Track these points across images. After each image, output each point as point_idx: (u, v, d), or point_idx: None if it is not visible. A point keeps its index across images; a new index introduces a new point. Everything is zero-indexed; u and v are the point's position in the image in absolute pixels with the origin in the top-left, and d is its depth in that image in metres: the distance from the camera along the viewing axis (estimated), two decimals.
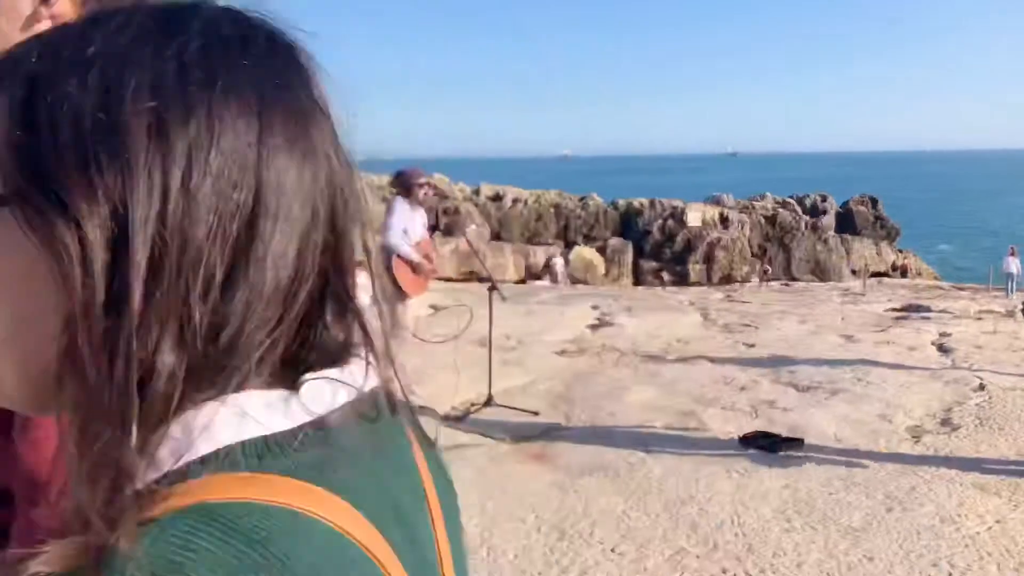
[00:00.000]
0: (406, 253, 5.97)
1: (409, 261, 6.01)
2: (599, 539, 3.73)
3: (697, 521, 3.91)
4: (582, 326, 11.01)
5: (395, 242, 5.93)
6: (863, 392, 6.42)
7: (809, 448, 5.04)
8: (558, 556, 3.56)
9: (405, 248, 5.97)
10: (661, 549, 3.63)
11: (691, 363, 7.77)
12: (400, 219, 6.03)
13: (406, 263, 6.03)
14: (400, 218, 6.03)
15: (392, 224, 5.98)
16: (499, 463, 4.75)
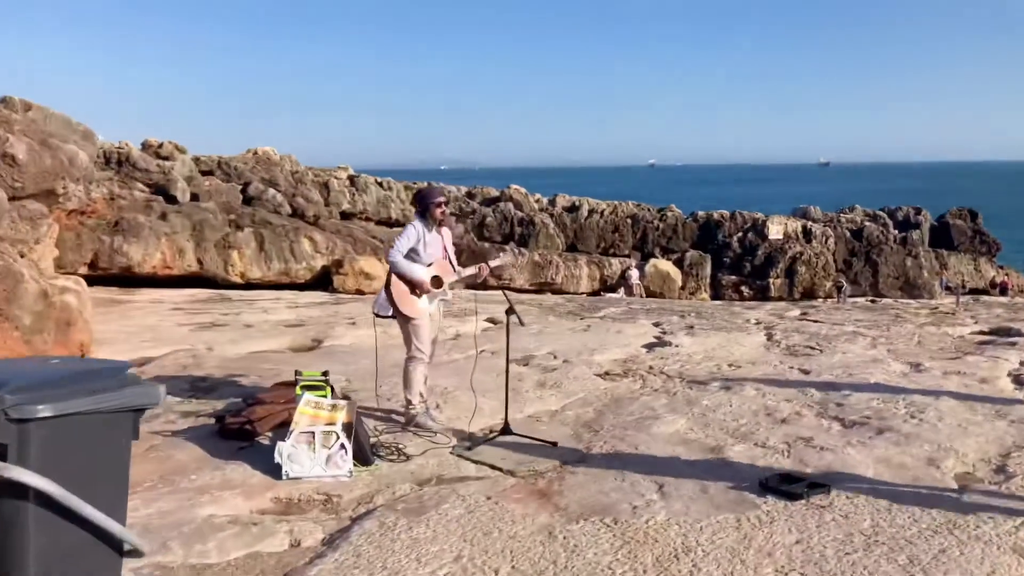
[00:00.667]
0: (404, 271, 5.81)
1: (411, 281, 5.84)
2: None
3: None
4: (638, 345, 10.65)
5: (393, 259, 5.81)
6: (914, 431, 5.88)
7: (837, 496, 4.59)
8: None
9: (403, 266, 5.81)
10: None
11: (735, 390, 7.33)
12: (409, 239, 5.88)
13: (407, 281, 5.85)
14: (409, 238, 5.88)
15: (397, 244, 5.85)
16: (495, 501, 4.47)
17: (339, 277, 19.82)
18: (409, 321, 5.92)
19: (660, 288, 26.04)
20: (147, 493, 4.38)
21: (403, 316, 5.92)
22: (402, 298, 5.87)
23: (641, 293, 25.96)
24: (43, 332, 7.09)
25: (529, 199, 28.99)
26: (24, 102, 17.58)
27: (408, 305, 5.89)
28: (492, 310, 14.35)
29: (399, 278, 5.89)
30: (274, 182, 22.14)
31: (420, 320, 5.96)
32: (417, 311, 5.91)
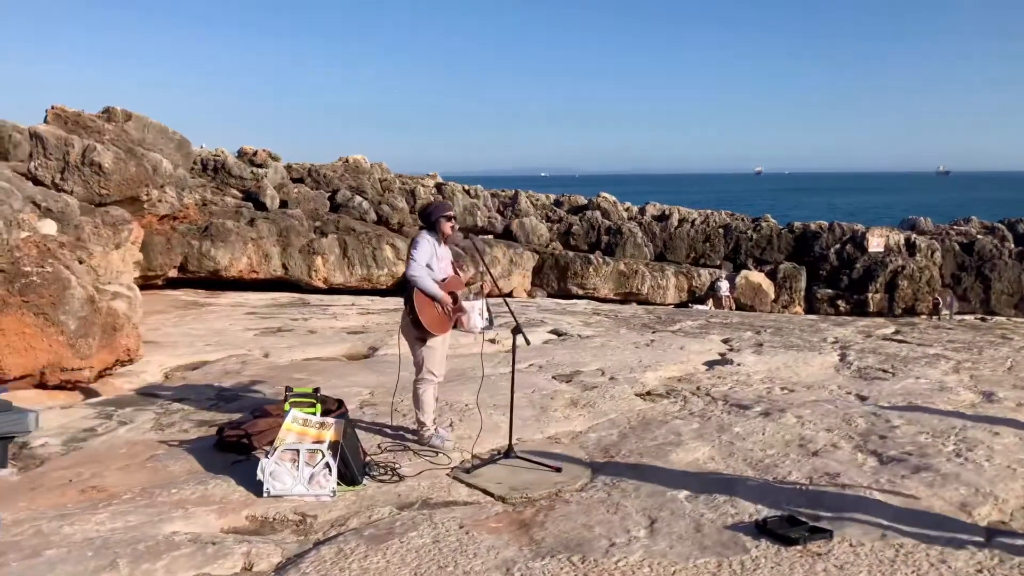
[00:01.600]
0: (428, 288, 5.66)
1: (433, 297, 5.70)
2: None
3: None
4: (698, 362, 10.27)
5: (417, 274, 5.63)
6: (954, 470, 5.38)
7: (839, 543, 4.22)
8: None
9: (427, 282, 5.66)
10: None
11: (775, 417, 6.92)
12: (424, 253, 5.74)
13: (430, 299, 5.71)
14: (424, 252, 5.75)
15: (416, 257, 5.70)
16: (467, 530, 4.31)
17: None
18: (425, 343, 5.79)
19: (751, 300, 25.19)
20: (121, 506, 4.42)
21: (427, 335, 5.75)
22: (429, 317, 5.70)
23: (730, 305, 25.19)
24: (88, 337, 7.34)
25: (618, 207, 28.57)
26: (125, 112, 18.47)
27: (434, 324, 5.74)
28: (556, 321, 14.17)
29: (422, 296, 5.70)
30: (361, 189, 22.54)
31: (436, 342, 5.83)
32: (438, 330, 5.78)
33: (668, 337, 12.55)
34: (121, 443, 5.65)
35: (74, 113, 14.07)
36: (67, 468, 5.10)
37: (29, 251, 7.50)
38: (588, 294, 24.72)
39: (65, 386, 7.38)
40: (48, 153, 12.79)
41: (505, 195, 27.88)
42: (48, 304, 7.13)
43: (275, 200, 20.27)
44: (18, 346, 6.94)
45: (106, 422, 6.20)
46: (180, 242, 17.39)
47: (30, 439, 5.73)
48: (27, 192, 9.30)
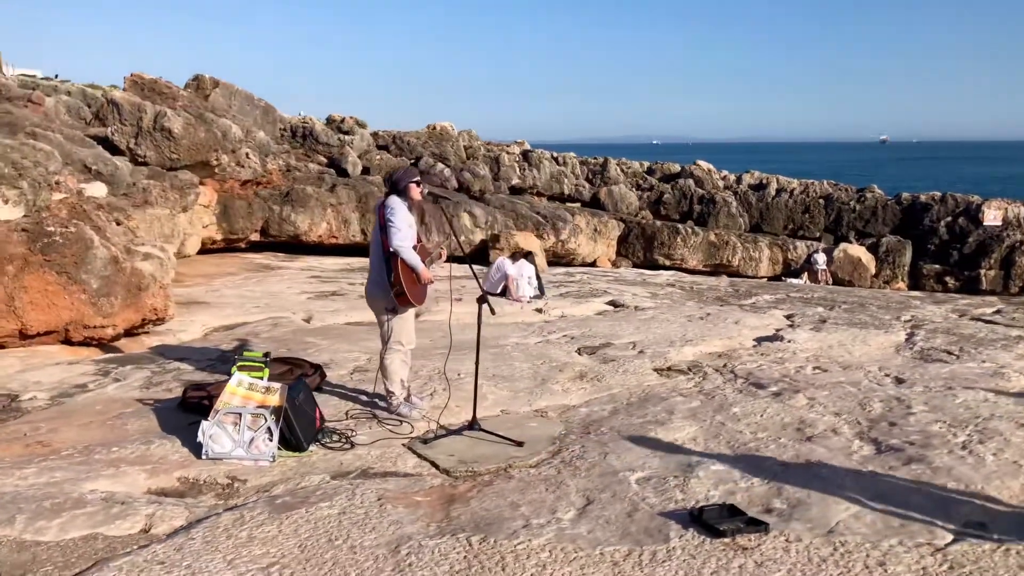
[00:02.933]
0: (413, 261, 5.50)
1: (415, 271, 5.54)
2: None
3: None
4: (748, 338, 9.79)
5: (404, 245, 5.45)
6: (950, 463, 4.88)
7: (775, 538, 3.88)
8: None
9: (413, 256, 5.50)
10: None
11: (786, 397, 6.49)
12: (406, 219, 5.55)
13: (410, 270, 5.54)
14: (405, 218, 5.55)
15: (399, 224, 5.48)
16: (384, 503, 4.18)
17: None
18: (397, 313, 5.66)
19: (849, 275, 23.94)
20: (55, 462, 4.51)
21: (406, 305, 5.61)
22: (413, 288, 5.56)
23: (827, 280, 24.03)
24: (111, 296, 7.59)
25: (713, 175, 27.59)
26: (212, 79, 19.05)
27: (416, 295, 5.60)
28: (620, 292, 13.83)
29: (406, 266, 5.52)
30: (444, 157, 22.58)
31: (409, 313, 5.71)
32: (420, 301, 5.65)
33: (729, 311, 12.01)
34: (101, 400, 5.80)
35: (151, 80, 14.58)
36: (33, 423, 5.27)
37: (59, 212, 7.80)
38: (675, 265, 24.07)
39: (90, 342, 7.67)
40: (123, 119, 13.32)
41: (595, 163, 27.37)
42: (71, 263, 7.39)
43: (357, 167, 20.55)
44: (41, 303, 7.23)
45: (101, 379, 6.39)
46: (261, 207, 17.84)
47: (22, 393, 5.96)
48: (79, 155, 9.67)
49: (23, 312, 7.09)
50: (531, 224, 21.53)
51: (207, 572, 3.36)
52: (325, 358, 7.19)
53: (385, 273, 5.48)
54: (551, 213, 22.26)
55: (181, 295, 11.82)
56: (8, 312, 7.01)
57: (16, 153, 7.62)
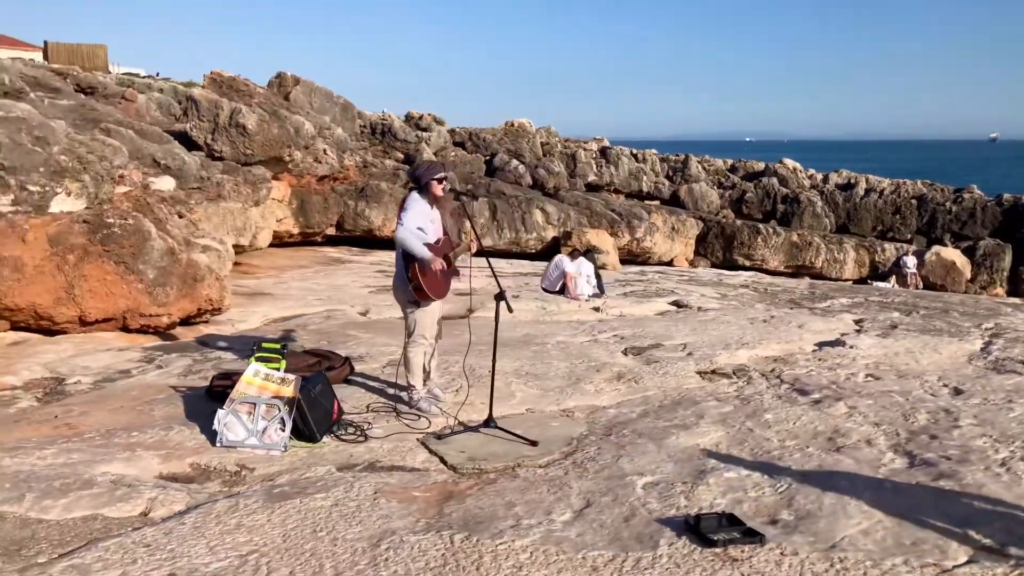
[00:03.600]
0: (414, 248, 5.51)
1: (419, 259, 5.55)
2: None
3: None
4: (808, 343, 9.49)
5: (402, 235, 5.48)
6: (982, 481, 4.60)
7: (769, 551, 3.73)
8: None
9: (413, 242, 5.51)
10: None
11: (826, 406, 6.25)
12: (415, 213, 5.57)
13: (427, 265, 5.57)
14: (415, 213, 5.57)
15: (404, 218, 5.53)
16: (381, 497, 4.21)
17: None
18: (419, 306, 5.69)
19: (941, 279, 22.90)
20: (78, 443, 4.71)
21: (426, 299, 5.65)
22: (432, 281, 5.60)
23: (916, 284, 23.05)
24: (166, 286, 7.88)
25: (798, 174, 26.78)
26: (294, 77, 19.57)
27: (434, 288, 5.63)
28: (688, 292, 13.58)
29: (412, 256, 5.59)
30: (519, 153, 22.62)
31: (432, 306, 5.73)
32: (437, 294, 5.67)
33: (796, 315, 11.63)
34: (139, 386, 6.03)
35: (229, 78, 15.07)
36: (68, 406, 5.51)
37: (121, 204, 8.14)
38: (755, 266, 23.51)
39: (146, 330, 7.98)
40: (201, 115, 13.81)
41: (676, 160, 26.95)
42: (128, 254, 7.70)
43: None
44: (99, 291, 7.56)
45: (144, 365, 6.64)
46: (337, 201, 18.23)
47: (68, 377, 6.24)
48: (149, 150, 10.07)
49: (82, 300, 7.43)
50: (605, 222, 21.36)
51: (187, 556, 3.44)
52: (362, 351, 7.29)
53: (405, 269, 5.52)
54: (626, 211, 22.03)
55: (249, 286, 12.19)
56: (68, 299, 7.36)
57: (83, 148, 7.98)
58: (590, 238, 19.96)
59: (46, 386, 6.01)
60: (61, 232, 7.35)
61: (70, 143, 7.91)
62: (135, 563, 3.37)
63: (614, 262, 20.31)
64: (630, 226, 21.78)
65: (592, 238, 20.01)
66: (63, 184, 7.48)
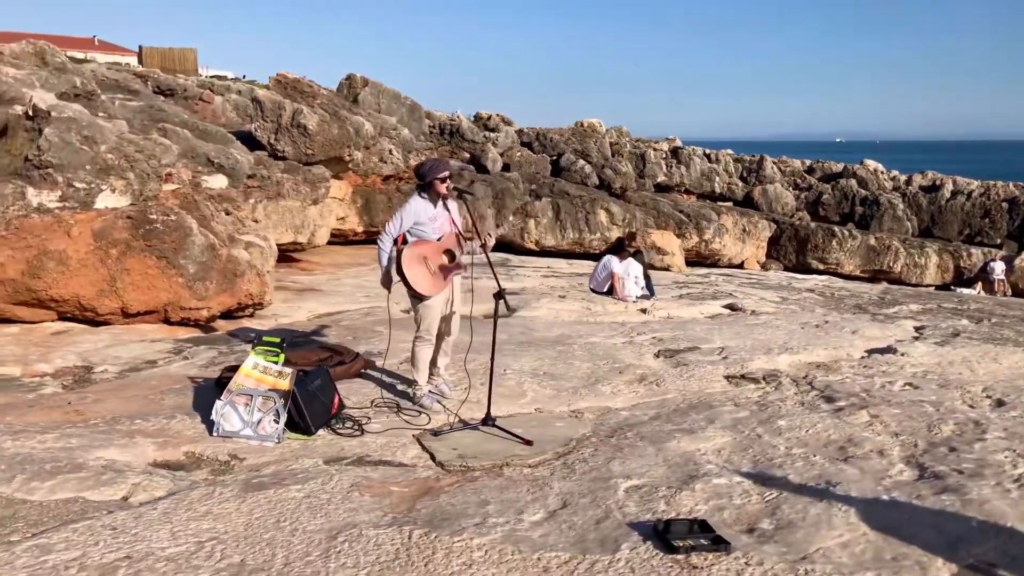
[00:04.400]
0: (381, 254, 5.64)
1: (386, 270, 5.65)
2: None
3: None
4: (858, 349, 9.17)
5: (380, 237, 5.64)
6: (988, 496, 4.35)
7: (733, 561, 3.62)
8: None
9: (383, 246, 5.65)
10: None
11: (847, 414, 6.01)
12: (406, 217, 5.69)
13: (420, 257, 5.63)
14: (406, 216, 5.69)
15: (390, 224, 5.68)
16: (355, 491, 4.25)
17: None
18: (421, 301, 5.76)
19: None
20: (80, 429, 4.90)
21: (414, 296, 5.75)
22: (416, 277, 5.68)
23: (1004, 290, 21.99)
24: (206, 280, 8.14)
25: (879, 175, 25.83)
26: (363, 78, 19.94)
27: (422, 283, 5.70)
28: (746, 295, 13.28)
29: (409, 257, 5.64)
30: (586, 153, 22.49)
31: (432, 301, 5.77)
32: (429, 289, 5.72)
33: (854, 320, 11.24)
34: (159, 376, 6.24)
35: (293, 79, 15.45)
36: (84, 393, 5.75)
37: (166, 201, 8.44)
38: (829, 269, 22.83)
39: (187, 322, 8.26)
40: (265, 116, 14.20)
41: (750, 160, 26.35)
42: (170, 249, 7.99)
43: (497, 163, 20.86)
44: (141, 285, 7.87)
45: (172, 356, 6.87)
46: (400, 200, 18.49)
47: (97, 366, 6.51)
48: (203, 150, 10.42)
49: (124, 292, 7.74)
50: (672, 223, 21.06)
51: (147, 540, 3.55)
52: (383, 347, 7.36)
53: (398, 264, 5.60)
54: (695, 212, 21.67)
55: (303, 282, 12.49)
56: (110, 292, 7.67)
57: (131, 147, 8.32)
58: (655, 239, 19.71)
59: (75, 374, 6.28)
60: (105, 227, 7.67)
61: (119, 142, 8.25)
62: (96, 545, 3.48)
63: (679, 264, 20.01)
64: (698, 227, 21.41)
65: (657, 239, 19.76)
66: (108, 181, 7.81)
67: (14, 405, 5.34)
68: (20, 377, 6.08)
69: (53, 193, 7.47)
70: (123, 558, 3.39)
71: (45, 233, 7.33)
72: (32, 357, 6.52)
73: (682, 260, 20.15)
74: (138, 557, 3.41)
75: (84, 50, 41.67)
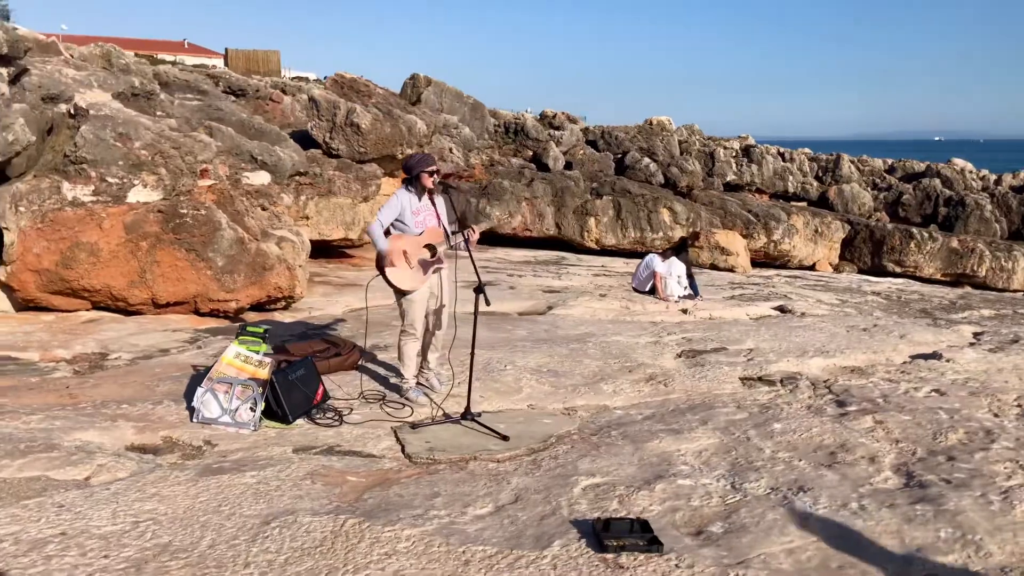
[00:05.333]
0: (376, 240, 5.65)
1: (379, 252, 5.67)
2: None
3: None
4: (904, 354, 8.86)
5: (369, 228, 5.68)
6: (967, 507, 4.09)
7: (663, 562, 3.50)
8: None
9: (375, 233, 5.65)
10: None
11: (849, 420, 5.77)
12: (392, 209, 5.72)
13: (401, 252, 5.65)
14: (392, 208, 5.72)
15: (380, 214, 5.71)
16: (307, 479, 4.29)
17: (693, 250, 19.30)
18: (403, 295, 5.78)
19: None
20: (67, 412, 5.09)
21: (396, 290, 5.77)
22: (393, 271, 5.70)
23: None
24: (234, 273, 8.36)
25: (966, 175, 24.61)
26: (426, 78, 20.16)
27: (400, 278, 5.72)
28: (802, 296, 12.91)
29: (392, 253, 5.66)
30: (652, 151, 22.18)
31: (414, 295, 5.78)
32: (408, 284, 5.74)
33: (907, 325, 10.78)
34: (165, 364, 6.44)
35: (351, 79, 15.73)
36: (85, 378, 5.97)
37: (201, 196, 8.71)
38: (907, 272, 21.88)
39: (216, 314, 8.50)
40: (320, 115, 14.51)
41: (827, 159, 25.50)
42: (199, 242, 8.24)
43: (558, 161, 20.77)
44: (170, 276, 8.14)
45: (186, 346, 7.08)
46: (458, 199, 18.63)
47: (112, 353, 6.76)
48: (246, 147, 10.71)
49: (153, 283, 8.02)
50: (740, 222, 20.57)
51: (88, 519, 3.66)
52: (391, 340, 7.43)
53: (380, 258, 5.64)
54: (763, 211, 21.11)
55: (347, 277, 12.70)
56: (140, 283, 7.96)
57: (167, 144, 8.61)
58: (719, 239, 19.30)
59: (90, 360, 6.53)
60: (136, 220, 7.96)
61: (155, 139, 8.56)
62: (38, 521, 3.62)
63: (744, 264, 19.53)
64: (767, 228, 20.84)
65: (720, 239, 19.34)
66: (140, 176, 8.10)
67: (16, 388, 5.59)
68: (37, 362, 6.36)
69: (87, 187, 7.80)
70: (58, 534, 3.51)
71: (78, 225, 7.66)
72: (54, 343, 6.82)
73: (747, 261, 19.66)
74: (72, 534, 3.52)
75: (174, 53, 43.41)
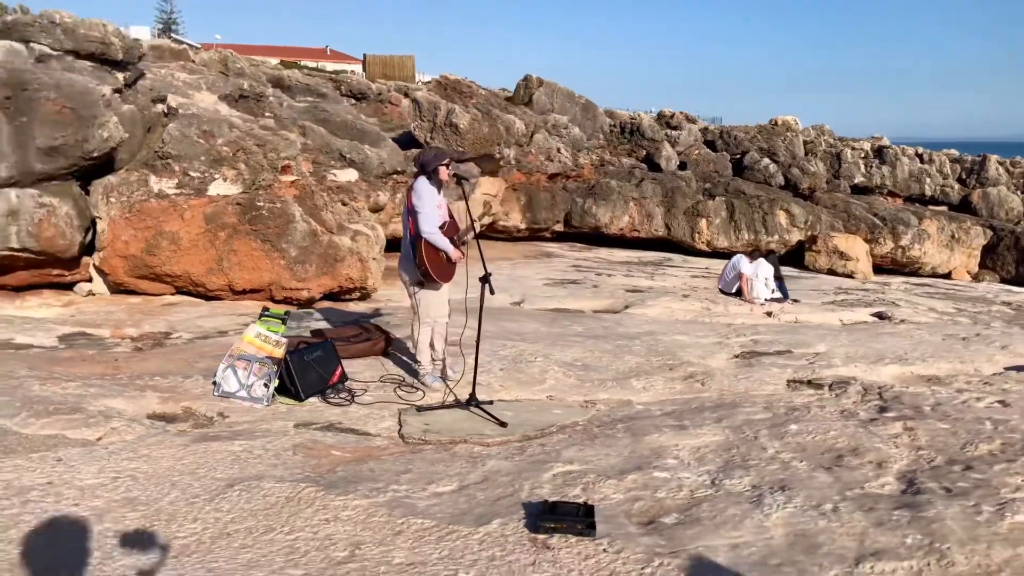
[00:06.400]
0: (442, 245, 5.76)
1: (445, 252, 5.79)
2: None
3: None
4: (999, 364, 8.37)
5: (431, 230, 5.73)
6: (949, 515, 3.82)
7: (593, 545, 3.48)
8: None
9: (441, 239, 5.76)
10: None
11: (877, 425, 5.47)
12: (432, 203, 5.80)
13: (435, 249, 5.79)
14: (432, 202, 5.80)
15: (426, 210, 5.75)
16: (292, 452, 4.51)
17: (810, 254, 18.60)
18: (427, 288, 5.92)
19: None
20: (104, 381, 5.55)
21: (434, 283, 5.91)
22: (439, 267, 5.85)
23: None
24: (305, 263, 8.81)
25: None
26: (538, 79, 20.38)
27: (445, 273, 5.89)
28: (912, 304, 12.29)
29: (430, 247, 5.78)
30: (772, 152, 21.46)
31: (443, 288, 5.95)
32: (445, 277, 5.90)
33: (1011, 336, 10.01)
34: (217, 344, 6.87)
35: (454, 80, 16.11)
36: (144, 353, 6.46)
37: (281, 190, 9.21)
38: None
39: (289, 301, 8.97)
40: (422, 115, 14.96)
41: (972, 161, 23.88)
42: (273, 234, 8.73)
43: (671, 161, 20.46)
44: (246, 265, 8.66)
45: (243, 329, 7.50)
46: (564, 199, 18.68)
47: (175, 332, 7.27)
48: (336, 146, 11.22)
49: (230, 271, 8.56)
50: (864, 227, 19.64)
51: (76, 472, 4.01)
52: None
53: (412, 254, 5.75)
54: (891, 215, 20.06)
55: None
56: (218, 270, 8.52)
57: (251, 141, 9.17)
58: (837, 243, 18.50)
59: (154, 338, 7.07)
60: (215, 212, 8.52)
61: (240, 136, 9.13)
62: (34, 472, 4.00)
63: (864, 270, 18.62)
64: (894, 232, 19.78)
65: (840, 243, 18.53)
66: (221, 171, 8.67)
67: (72, 359, 6.14)
68: (107, 338, 6.95)
69: (171, 180, 8.42)
70: (45, 483, 3.87)
71: (161, 215, 8.29)
72: (128, 322, 7.41)
73: (868, 267, 18.71)
74: (58, 484, 3.87)
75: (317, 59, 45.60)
